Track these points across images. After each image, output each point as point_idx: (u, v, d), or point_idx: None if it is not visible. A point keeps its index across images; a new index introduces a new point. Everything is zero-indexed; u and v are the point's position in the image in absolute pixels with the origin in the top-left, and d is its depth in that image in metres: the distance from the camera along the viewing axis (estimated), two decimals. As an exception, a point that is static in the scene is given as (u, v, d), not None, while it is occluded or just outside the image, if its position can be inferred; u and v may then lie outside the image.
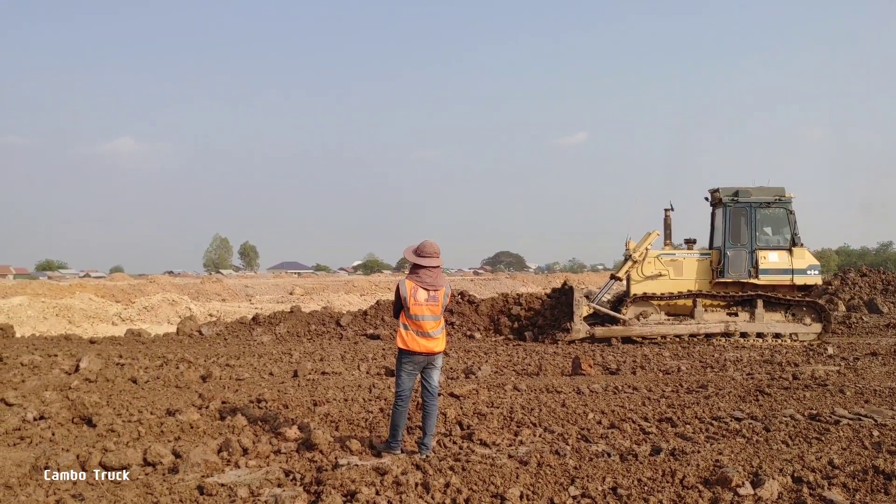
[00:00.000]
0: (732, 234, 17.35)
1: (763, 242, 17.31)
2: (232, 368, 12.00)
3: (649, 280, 17.56)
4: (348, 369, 12.06)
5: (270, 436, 7.36)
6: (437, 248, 6.84)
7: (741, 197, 17.31)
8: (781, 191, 17.30)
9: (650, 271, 17.59)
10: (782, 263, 17.08)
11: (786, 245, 17.23)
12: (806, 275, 17.10)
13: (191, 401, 9.02)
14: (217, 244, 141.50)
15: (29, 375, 10.90)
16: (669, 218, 18.21)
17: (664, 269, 17.60)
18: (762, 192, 17.34)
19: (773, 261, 17.10)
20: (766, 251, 17.18)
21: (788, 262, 17.07)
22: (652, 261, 17.61)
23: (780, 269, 17.07)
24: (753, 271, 17.14)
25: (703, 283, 17.64)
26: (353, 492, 5.36)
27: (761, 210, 17.34)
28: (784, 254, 17.13)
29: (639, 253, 17.51)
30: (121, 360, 12.55)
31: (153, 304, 30.69)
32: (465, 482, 5.59)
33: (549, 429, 7.58)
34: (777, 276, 17.08)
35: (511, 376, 11.52)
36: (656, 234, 17.83)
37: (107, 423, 7.86)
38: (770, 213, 17.46)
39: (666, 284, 17.53)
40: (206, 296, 43.69)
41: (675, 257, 17.80)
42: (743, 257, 17.19)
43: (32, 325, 24.35)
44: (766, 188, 17.43)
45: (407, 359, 6.63)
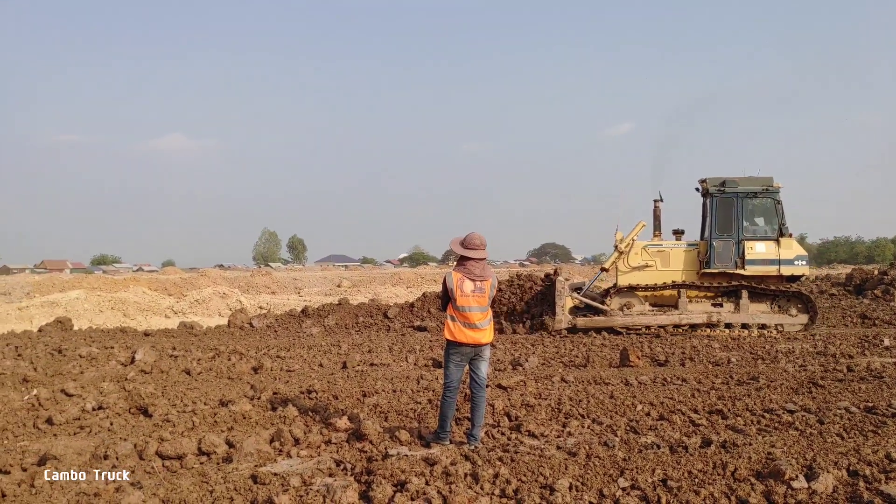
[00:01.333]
0: (719, 224, 17.19)
1: (750, 233, 17.19)
2: (282, 360, 12.18)
3: (636, 271, 17.58)
4: (396, 361, 12.16)
5: (321, 426, 7.46)
6: (483, 239, 6.86)
7: (728, 187, 17.15)
8: (769, 181, 17.14)
9: (636, 262, 17.60)
10: (769, 254, 16.95)
11: (773, 235, 17.06)
12: (793, 265, 16.96)
13: (243, 392, 9.20)
14: (266, 238, 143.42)
15: (87, 367, 11.22)
16: (659, 209, 18.21)
17: (651, 260, 17.62)
18: (749, 182, 17.18)
19: (760, 251, 16.99)
20: (753, 241, 17.07)
21: (776, 253, 16.92)
22: (639, 252, 17.64)
23: (766, 259, 16.94)
24: (740, 262, 17.03)
25: (691, 273, 17.58)
26: (403, 482, 5.42)
27: (748, 200, 17.18)
28: (771, 244, 16.98)
29: (625, 244, 17.54)
30: (174, 352, 12.83)
31: (204, 297, 31.22)
32: (514, 473, 5.61)
33: (597, 420, 7.56)
34: (764, 267, 16.96)
35: (558, 368, 11.51)
36: (643, 224, 17.80)
37: (162, 413, 8.06)
38: (758, 204, 17.27)
39: (653, 275, 17.55)
40: (256, 289, 44.31)
41: (662, 248, 17.80)
42: (729, 248, 17.07)
43: (89, 317, 25.01)
44: (753, 178, 17.26)
45: (454, 350, 6.67)
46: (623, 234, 17.75)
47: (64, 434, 7.53)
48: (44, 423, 7.77)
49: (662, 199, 18.22)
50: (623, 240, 17.60)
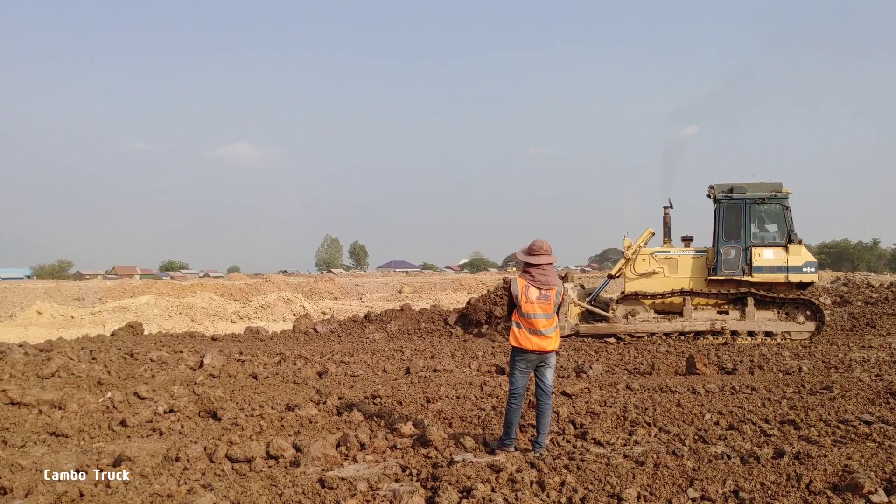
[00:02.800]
0: (726, 230, 16.93)
1: (758, 239, 16.84)
2: (347, 365, 12.30)
3: (643, 278, 17.40)
4: (459, 367, 12.16)
5: (386, 431, 7.52)
6: (547, 246, 6.83)
7: (735, 193, 16.87)
8: (778, 186, 16.78)
9: (643, 269, 17.40)
10: (777, 260, 16.57)
11: (782, 242, 16.67)
12: (802, 272, 16.52)
13: (309, 396, 9.31)
14: (328, 244, 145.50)
15: (158, 371, 11.50)
16: (668, 216, 18.03)
17: (659, 267, 17.41)
18: (758, 188, 16.86)
19: (768, 258, 16.61)
20: (761, 248, 16.70)
21: (784, 259, 16.54)
22: (646, 258, 17.46)
23: (774, 266, 16.57)
24: (747, 268, 16.69)
25: (699, 280, 17.28)
26: (468, 488, 5.42)
27: (756, 206, 16.84)
28: (780, 251, 16.61)
29: (632, 251, 17.39)
30: (241, 357, 13.06)
31: (269, 302, 31.74)
32: (581, 481, 5.57)
33: (664, 429, 7.44)
34: (771, 274, 16.59)
35: (623, 375, 11.37)
36: (649, 231, 17.66)
37: (231, 416, 8.21)
38: (766, 210, 16.93)
39: (661, 282, 17.32)
40: (319, 294, 44.94)
41: (670, 255, 17.56)
42: (737, 254, 16.77)
43: (158, 322, 25.66)
44: (762, 184, 16.93)
45: (520, 357, 6.65)
46: (632, 241, 17.66)
47: (137, 436, 7.74)
48: (118, 426, 8.00)
49: (672, 206, 18.11)
50: (630, 246, 17.51)
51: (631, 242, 17.62)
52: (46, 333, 21.14)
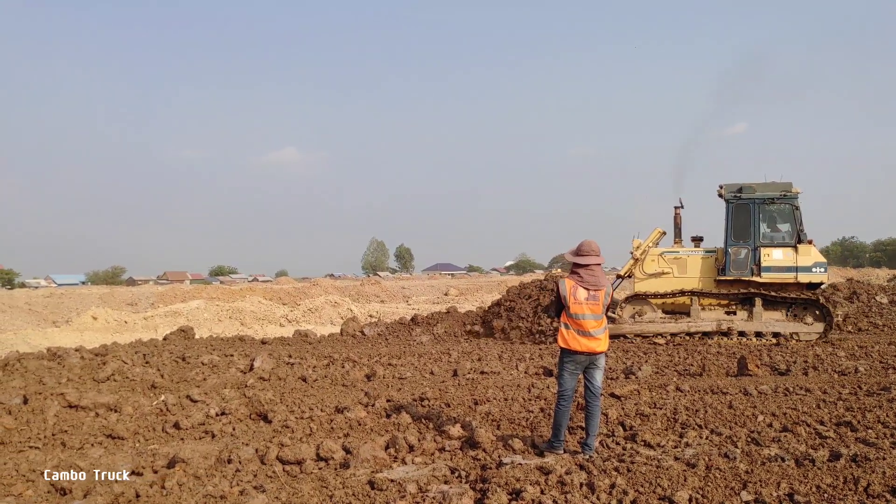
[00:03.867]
0: (735, 231, 16.85)
1: (767, 239, 16.68)
2: (394, 368, 12.36)
3: (652, 278, 17.35)
4: (506, 369, 12.14)
5: (434, 433, 7.54)
6: (595, 246, 6.79)
7: (744, 193, 16.77)
8: (788, 186, 16.63)
9: (652, 269, 17.36)
10: (786, 261, 16.44)
11: (791, 242, 16.50)
12: (811, 272, 16.35)
13: (357, 399, 9.38)
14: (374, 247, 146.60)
15: (209, 374, 11.69)
16: (679, 216, 17.97)
17: (668, 267, 17.38)
18: (767, 188, 16.73)
19: (777, 258, 16.46)
20: (770, 248, 16.55)
21: (793, 260, 16.38)
22: (655, 259, 17.42)
23: (783, 266, 16.44)
24: (756, 269, 16.52)
25: (707, 281, 17.15)
26: (518, 490, 5.41)
27: (765, 206, 16.72)
28: (789, 251, 16.46)
29: (640, 251, 17.35)
30: (290, 360, 13.20)
31: (317, 305, 32.06)
32: (631, 483, 5.51)
33: (715, 431, 7.33)
34: (780, 274, 16.44)
35: (673, 376, 11.23)
36: (658, 231, 17.63)
37: (281, 419, 8.32)
38: (775, 210, 16.80)
39: (670, 282, 17.26)
40: (366, 297, 45.23)
41: (679, 255, 17.50)
42: (745, 255, 16.62)
43: (209, 326, 26.09)
44: (771, 184, 16.78)
45: (568, 358, 6.61)
46: (641, 241, 17.62)
47: (190, 438, 7.88)
48: (171, 428, 8.15)
49: (683, 206, 18.04)
50: (639, 247, 17.47)
51: (640, 242, 17.61)
52: (101, 338, 21.63)
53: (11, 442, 7.68)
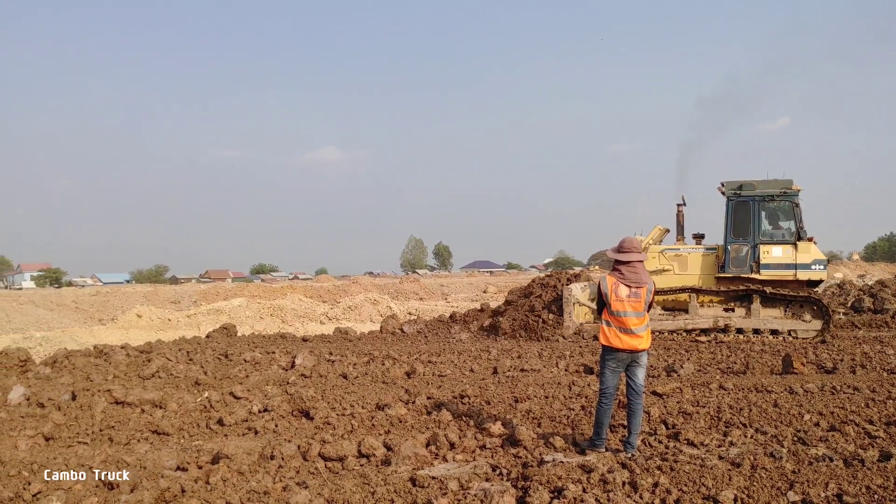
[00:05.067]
0: (735, 228, 16.92)
1: (767, 237, 16.63)
2: (434, 365, 12.37)
3: (653, 275, 17.01)
4: (546, 366, 12.08)
5: (475, 431, 7.53)
6: (636, 243, 6.78)
7: (745, 190, 16.82)
8: (789, 183, 16.67)
9: (653, 266, 17.33)
10: (786, 258, 16.48)
11: (791, 239, 16.53)
12: (810, 269, 16.37)
13: (398, 396, 9.41)
14: (412, 245, 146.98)
15: (251, 371, 11.82)
16: (682, 213, 18.12)
17: (668, 265, 17.55)
18: (767, 186, 16.78)
19: (777, 255, 16.46)
20: (770, 245, 16.51)
21: (792, 257, 16.41)
22: (656, 256, 17.46)
23: (782, 263, 16.49)
24: (755, 266, 16.49)
25: (708, 278, 17.16)
26: (559, 488, 5.38)
27: (765, 203, 16.76)
28: (788, 248, 16.50)
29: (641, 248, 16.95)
30: (331, 357, 13.28)
31: (356, 303, 32.19)
32: (675, 483, 5.45)
33: (760, 430, 7.21)
34: (779, 271, 16.44)
35: (716, 374, 11.09)
36: (658, 228, 17.73)
37: (323, 416, 8.38)
38: (775, 207, 16.83)
39: (671, 279, 17.34)
40: (405, 295, 45.30)
41: (680, 252, 17.65)
42: (745, 252, 16.60)
43: (250, 324, 26.35)
44: (771, 181, 16.82)
45: (610, 356, 6.57)
46: (643, 238, 17.65)
47: (234, 434, 7.97)
48: (215, 424, 8.26)
49: (686, 204, 18.10)
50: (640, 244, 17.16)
51: (642, 239, 17.60)
52: (145, 336, 21.97)
53: (61, 437, 7.85)
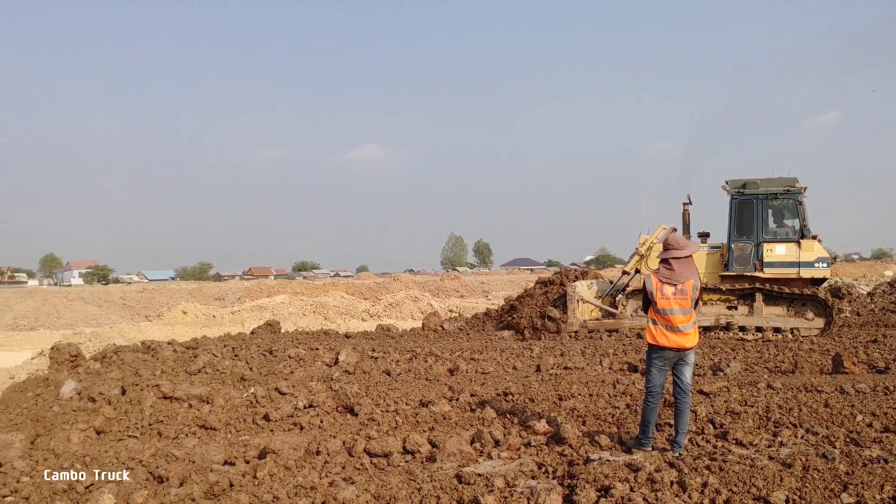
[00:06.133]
0: (738, 226, 16.91)
1: (770, 235, 16.60)
2: (476, 362, 12.36)
3: None
4: (590, 364, 12.00)
5: (520, 429, 7.51)
6: (682, 240, 6.72)
7: (748, 188, 16.84)
8: (792, 181, 16.66)
9: (657, 265, 16.60)
10: (789, 256, 16.42)
11: (794, 237, 16.43)
12: (813, 267, 16.31)
13: (441, 393, 9.42)
14: (453, 242, 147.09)
15: (296, 367, 11.92)
16: (688, 212, 17.99)
17: None
18: (771, 184, 16.76)
19: (780, 253, 16.43)
20: (773, 244, 16.43)
21: (796, 255, 16.34)
22: None
23: (786, 262, 16.44)
24: (758, 264, 16.38)
25: (713, 276, 17.11)
26: (606, 487, 5.34)
27: (768, 202, 16.74)
28: (792, 246, 16.42)
29: (645, 247, 17.46)
30: (374, 354, 13.33)
31: (398, 300, 32.35)
32: (724, 483, 5.37)
33: (811, 430, 7.08)
34: (782, 270, 16.39)
35: (763, 373, 10.91)
36: (662, 227, 17.86)
37: (367, 412, 8.42)
38: (778, 205, 16.83)
39: None
40: (446, 292, 45.35)
41: None
42: (748, 250, 16.51)
43: (294, 320, 26.62)
44: (775, 179, 16.81)
45: (657, 354, 6.51)
46: (646, 237, 17.76)
47: (279, 430, 8.05)
48: (261, 419, 8.35)
49: (691, 202, 18.00)
50: (644, 242, 17.59)
51: (646, 238, 17.75)
52: (191, 332, 22.32)
53: (112, 431, 8.00)
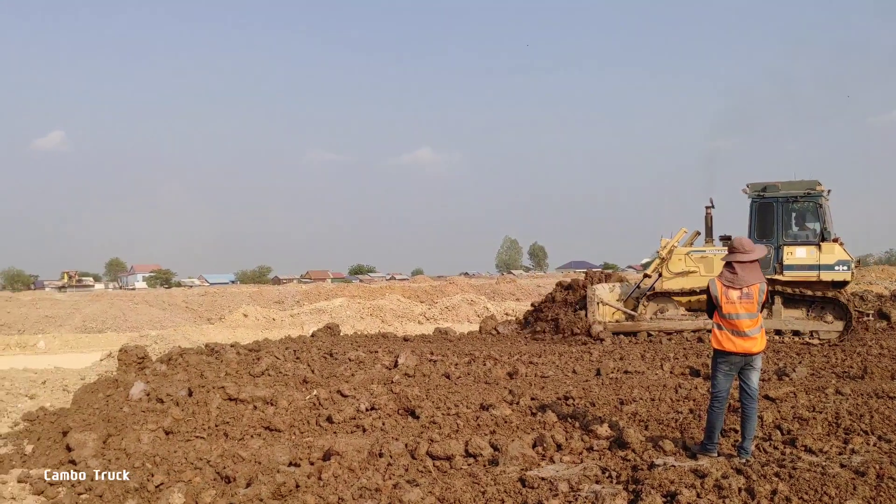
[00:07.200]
0: (758, 229, 16.84)
1: (791, 238, 16.66)
2: (536, 366, 12.33)
3: (679, 277, 17.65)
4: (650, 368, 11.88)
5: (581, 433, 7.48)
6: (747, 243, 6.60)
7: (768, 191, 16.82)
8: (813, 184, 16.60)
9: (679, 268, 17.55)
10: (809, 259, 16.36)
11: (815, 240, 16.37)
12: (834, 270, 16.18)
13: (501, 396, 9.41)
14: (507, 245, 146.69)
15: (356, 370, 12.04)
16: (710, 216, 18.15)
17: (694, 266, 17.58)
18: (791, 187, 16.74)
19: (800, 256, 16.34)
20: (793, 247, 16.32)
21: (816, 258, 16.28)
22: (681, 258, 17.72)
23: (806, 265, 16.36)
24: (778, 267, 16.27)
25: None
26: (672, 493, 5.29)
27: (789, 205, 16.73)
28: (812, 249, 16.35)
29: (666, 250, 17.48)
30: (433, 357, 13.38)
31: (454, 303, 32.37)
32: (794, 490, 5.27)
33: (884, 437, 6.91)
34: (802, 272, 16.31)
35: (831, 379, 10.65)
36: (683, 231, 18.07)
37: (428, 415, 8.48)
38: (799, 208, 16.84)
39: (697, 280, 17.37)
40: (501, 295, 45.28)
41: (706, 254, 17.71)
42: (769, 253, 16.27)
43: (351, 323, 26.85)
44: (796, 182, 16.79)
45: (723, 359, 6.42)
46: (668, 240, 17.82)
47: (342, 432, 8.16)
48: (324, 421, 8.47)
49: (714, 206, 18.08)
50: (666, 246, 17.63)
51: (668, 241, 17.79)
52: (252, 335, 22.69)
53: (180, 432, 8.20)
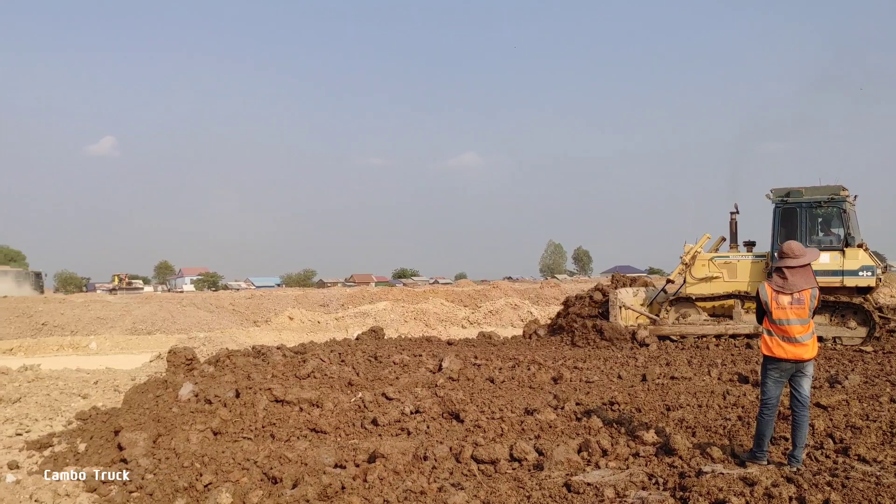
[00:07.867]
0: (782, 235, 16.68)
1: (814, 243, 16.23)
2: (580, 371, 12.25)
3: (703, 282, 17.75)
4: (697, 374, 11.72)
5: (627, 438, 7.41)
6: (797, 248, 6.48)
7: (792, 197, 16.78)
8: (838, 189, 16.48)
9: (702, 274, 17.80)
10: (833, 265, 16.16)
11: (839, 246, 16.25)
12: (857, 276, 16.11)
13: (546, 401, 9.37)
14: (551, 250, 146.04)
15: (401, 373, 12.09)
16: (735, 221, 18.17)
17: (718, 272, 17.70)
18: (815, 192, 16.67)
19: (823, 262, 15.86)
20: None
21: (840, 264, 16.15)
22: (705, 263, 17.82)
23: (829, 270, 16.02)
24: None
25: (756, 285, 16.11)
26: (721, 500, 5.23)
27: (812, 210, 16.67)
28: (836, 254, 16.20)
29: (689, 256, 17.82)
30: (476, 361, 13.38)
31: (497, 308, 32.33)
32: (847, 500, 5.18)
33: (940, 447, 6.73)
34: (825, 278, 15.61)
35: (885, 387, 10.38)
36: (707, 237, 18.17)
37: (473, 419, 8.48)
38: (822, 213, 16.74)
39: (721, 286, 17.58)
40: (545, 300, 44.98)
41: (730, 260, 17.84)
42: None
43: (396, 327, 26.99)
44: (820, 187, 16.69)
45: (773, 366, 6.32)
46: (691, 246, 18.06)
47: (387, 434, 8.20)
48: (369, 424, 8.53)
49: (738, 212, 18.18)
50: (689, 251, 17.68)
51: (691, 247, 18.00)
52: (298, 337, 22.95)
53: (227, 432, 8.33)
